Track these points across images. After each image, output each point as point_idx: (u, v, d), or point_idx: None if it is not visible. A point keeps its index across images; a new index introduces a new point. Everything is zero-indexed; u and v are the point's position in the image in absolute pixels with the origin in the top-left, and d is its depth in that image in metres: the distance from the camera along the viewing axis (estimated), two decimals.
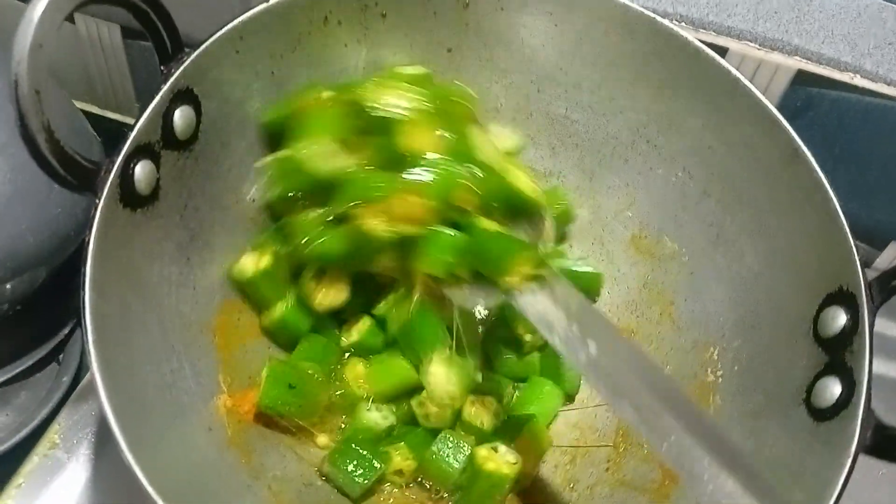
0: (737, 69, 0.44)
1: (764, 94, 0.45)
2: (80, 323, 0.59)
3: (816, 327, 0.39)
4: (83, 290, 0.32)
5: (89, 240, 0.33)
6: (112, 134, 0.65)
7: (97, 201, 0.34)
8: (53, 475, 0.44)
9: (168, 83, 0.37)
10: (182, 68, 0.37)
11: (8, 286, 0.53)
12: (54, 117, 0.32)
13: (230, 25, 0.39)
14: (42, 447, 0.45)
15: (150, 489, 0.30)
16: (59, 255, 0.55)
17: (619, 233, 0.49)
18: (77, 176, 0.33)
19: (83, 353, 0.60)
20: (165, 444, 0.34)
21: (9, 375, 0.55)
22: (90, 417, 0.46)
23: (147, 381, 0.35)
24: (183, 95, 0.38)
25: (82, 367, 0.61)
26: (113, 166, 0.34)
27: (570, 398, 0.47)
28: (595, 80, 0.46)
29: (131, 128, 0.36)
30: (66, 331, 0.60)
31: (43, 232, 0.53)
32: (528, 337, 0.46)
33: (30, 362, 0.58)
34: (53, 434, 0.45)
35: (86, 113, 0.65)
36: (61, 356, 0.60)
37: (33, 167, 0.50)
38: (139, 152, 0.36)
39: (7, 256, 0.51)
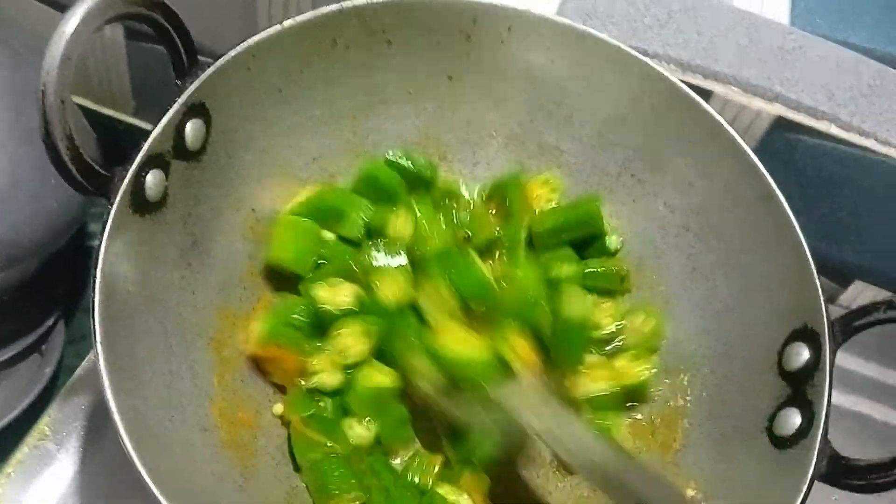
0: (720, 112, 0.47)
1: (744, 137, 0.47)
2: (62, 316, 0.61)
3: (781, 361, 0.41)
4: (93, 291, 0.34)
5: (101, 243, 0.35)
6: (105, 129, 0.67)
7: (110, 206, 0.35)
8: (43, 466, 0.45)
9: (183, 97, 0.38)
10: (197, 84, 0.39)
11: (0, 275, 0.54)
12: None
13: (244, 44, 0.41)
14: (32, 438, 0.46)
15: (150, 483, 0.31)
16: (50, 248, 0.56)
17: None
18: (92, 182, 0.35)
19: (65, 345, 0.61)
20: (163, 442, 0.36)
21: None
22: (80, 411, 0.47)
23: (148, 380, 0.37)
24: (196, 109, 0.39)
25: (64, 359, 0.62)
26: (126, 174, 0.36)
27: None
28: (586, 115, 0.49)
29: (145, 138, 0.37)
30: (49, 322, 0.60)
31: (38, 224, 0.54)
32: None
33: (12, 352, 0.58)
34: (44, 425, 0.46)
35: (81, 107, 0.66)
36: (44, 347, 0.61)
37: (31, 161, 0.52)
38: (151, 161, 0.37)
39: (3, 247, 0.52)
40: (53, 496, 0.44)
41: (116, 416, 0.32)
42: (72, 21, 0.32)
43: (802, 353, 0.40)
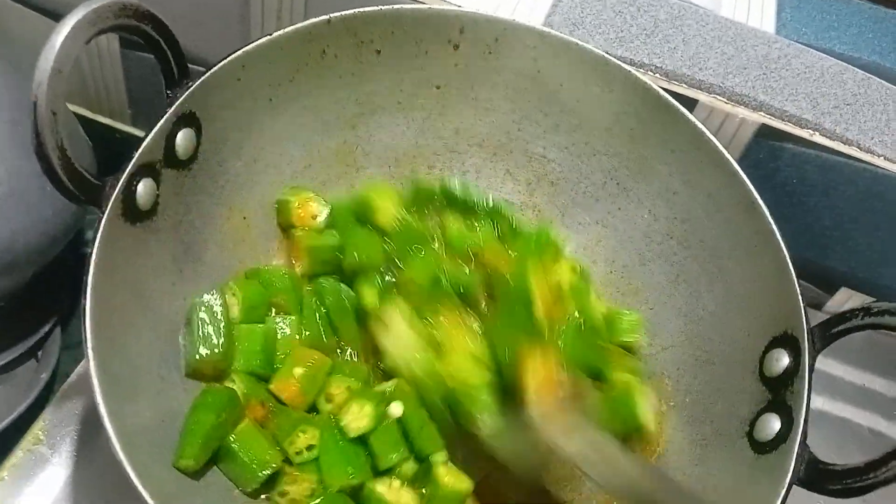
0: (704, 120, 0.48)
1: (729, 145, 0.48)
2: (59, 322, 0.61)
3: (762, 367, 0.42)
4: (84, 298, 0.34)
5: (92, 251, 0.35)
6: (101, 138, 0.67)
7: (101, 215, 0.36)
8: (36, 470, 0.45)
9: (173, 107, 0.39)
10: (187, 94, 0.39)
11: None
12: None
13: (235, 55, 0.41)
14: (26, 442, 0.46)
15: (141, 489, 0.32)
16: (46, 256, 0.57)
17: (587, 266, 0.52)
18: (84, 191, 0.35)
19: (61, 350, 0.62)
20: (154, 448, 0.36)
21: None
22: (74, 416, 0.47)
23: (139, 386, 0.37)
24: (186, 118, 0.40)
25: (60, 364, 0.62)
26: (118, 183, 0.36)
27: None
28: (572, 124, 0.49)
29: (136, 147, 0.38)
30: (45, 328, 0.61)
31: (34, 233, 0.54)
32: None
33: (9, 358, 0.59)
34: (38, 430, 0.46)
35: (77, 116, 0.67)
36: (40, 353, 0.61)
37: (27, 171, 0.53)
38: (142, 171, 0.38)
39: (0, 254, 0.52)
40: (47, 500, 0.45)
41: (107, 422, 0.32)
42: (61, 33, 0.32)
43: (782, 359, 0.40)
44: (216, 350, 0.41)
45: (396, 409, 0.41)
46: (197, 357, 0.41)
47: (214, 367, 0.41)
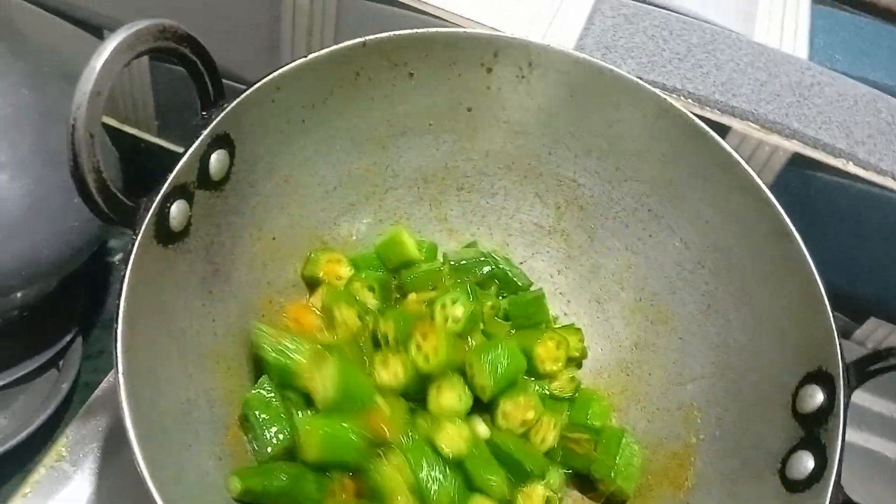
0: (737, 147, 0.47)
1: (761, 173, 0.47)
2: (80, 331, 0.61)
3: (795, 402, 0.41)
4: (116, 322, 0.34)
5: (125, 274, 0.35)
6: (127, 148, 0.68)
7: (135, 237, 0.36)
8: (59, 487, 0.45)
9: (209, 128, 0.39)
10: (222, 115, 0.39)
11: (19, 294, 0.54)
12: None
13: (269, 77, 0.41)
14: (49, 459, 0.46)
15: None
16: (70, 266, 0.57)
17: (615, 293, 0.51)
18: (118, 213, 0.35)
19: (82, 362, 0.62)
20: (178, 469, 0.36)
21: (9, 380, 0.56)
22: (97, 433, 0.47)
23: (166, 409, 0.37)
24: (220, 139, 0.40)
25: (80, 375, 0.62)
26: (151, 205, 0.36)
27: None
28: (603, 149, 0.49)
29: (170, 169, 0.38)
30: (67, 339, 0.61)
31: (58, 243, 0.54)
32: None
33: (30, 367, 0.58)
34: (61, 447, 0.47)
35: (104, 126, 0.67)
36: (61, 363, 0.61)
37: (52, 181, 0.53)
38: (176, 192, 0.38)
39: (23, 265, 0.52)
40: None
41: (134, 442, 0.32)
42: (103, 56, 0.32)
43: (816, 396, 0.40)
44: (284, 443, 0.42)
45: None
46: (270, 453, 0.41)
47: (286, 450, 0.42)
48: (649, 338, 0.50)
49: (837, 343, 0.39)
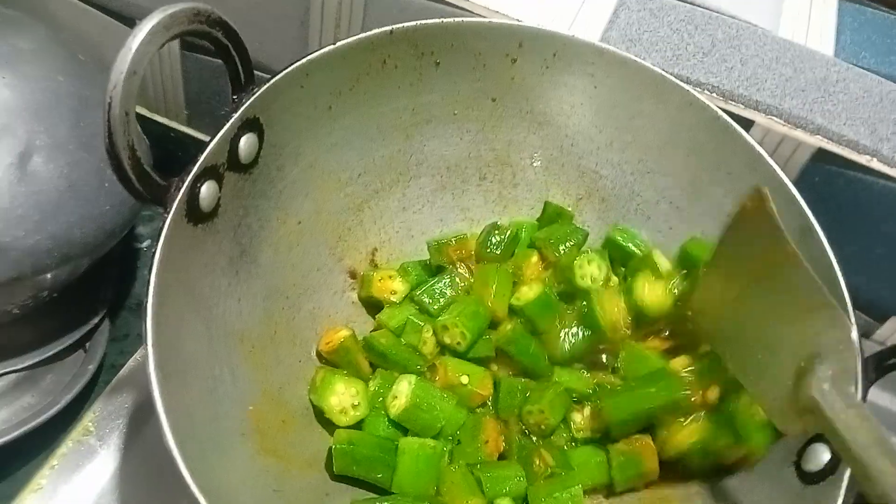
0: (761, 141, 0.47)
1: (784, 167, 0.47)
2: (108, 314, 0.62)
3: None
4: (147, 297, 0.35)
5: (156, 250, 0.36)
6: (157, 136, 0.69)
7: (166, 215, 0.37)
8: (85, 460, 0.47)
9: (239, 111, 0.40)
10: (252, 99, 0.40)
11: (50, 275, 0.55)
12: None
13: (298, 63, 0.42)
14: (76, 433, 0.47)
15: (191, 483, 0.32)
16: (101, 249, 0.58)
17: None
18: (151, 191, 0.36)
19: (109, 344, 0.63)
20: (204, 444, 0.37)
21: (38, 359, 0.57)
22: (123, 409, 0.48)
23: (193, 384, 0.38)
24: (250, 123, 0.41)
25: (107, 356, 0.63)
26: (183, 185, 0.37)
27: None
28: (626, 141, 0.49)
29: (202, 150, 0.38)
30: (95, 320, 0.62)
31: (91, 225, 0.55)
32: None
33: (58, 348, 0.60)
34: (88, 422, 0.48)
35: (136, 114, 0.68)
36: (88, 344, 0.63)
37: (87, 164, 0.54)
38: (206, 173, 0.39)
39: (56, 246, 0.53)
40: (94, 489, 0.46)
41: (163, 417, 0.33)
42: (138, 37, 0.33)
43: None
44: None
45: None
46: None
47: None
48: None
49: (857, 339, 0.39)
